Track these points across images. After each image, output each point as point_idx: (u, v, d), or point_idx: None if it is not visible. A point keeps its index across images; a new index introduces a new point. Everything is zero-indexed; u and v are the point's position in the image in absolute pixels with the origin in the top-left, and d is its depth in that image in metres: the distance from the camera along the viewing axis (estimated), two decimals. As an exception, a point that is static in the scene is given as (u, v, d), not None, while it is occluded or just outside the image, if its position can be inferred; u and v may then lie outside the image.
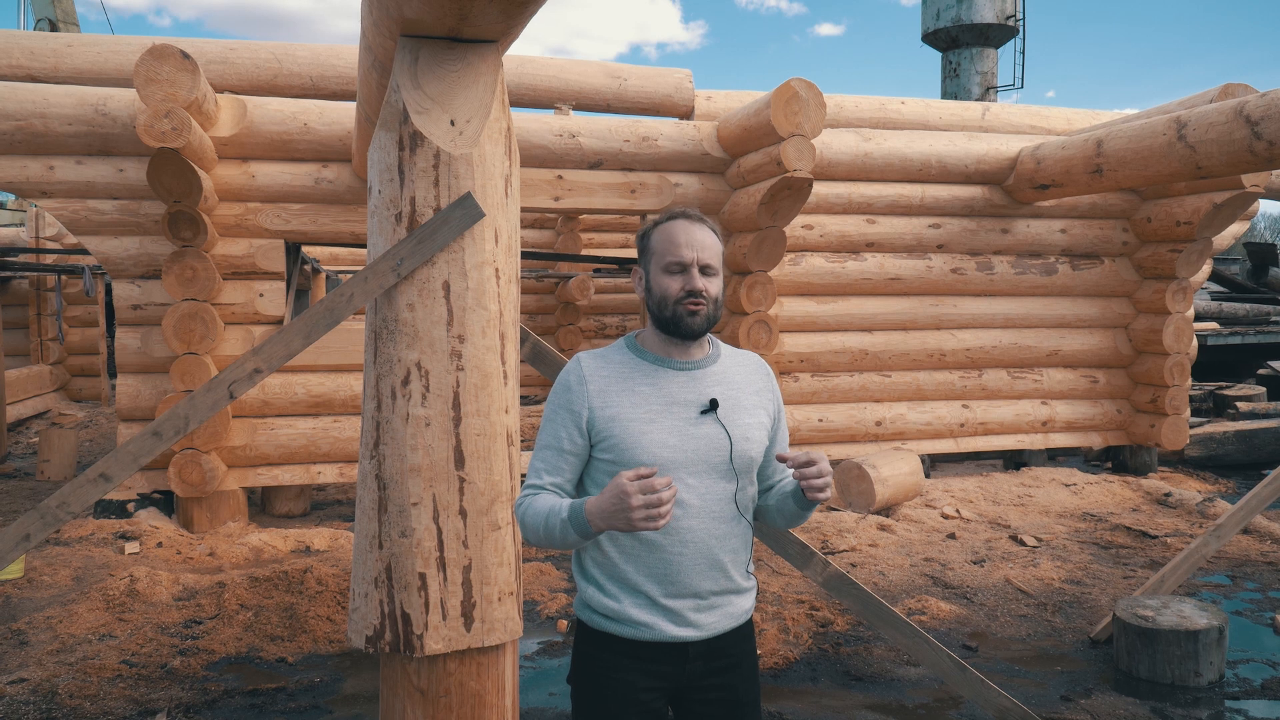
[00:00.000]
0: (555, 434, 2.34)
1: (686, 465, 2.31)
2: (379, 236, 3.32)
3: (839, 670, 4.97)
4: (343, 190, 7.42)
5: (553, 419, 2.36)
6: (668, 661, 2.35)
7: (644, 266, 2.43)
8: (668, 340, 2.38)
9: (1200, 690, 4.71)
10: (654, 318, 2.39)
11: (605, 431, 2.30)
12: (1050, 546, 6.99)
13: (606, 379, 2.34)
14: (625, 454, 2.28)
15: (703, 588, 2.34)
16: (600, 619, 2.35)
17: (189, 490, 7.13)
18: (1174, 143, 7.05)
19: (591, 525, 2.14)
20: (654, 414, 2.32)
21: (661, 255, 2.36)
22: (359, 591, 3.35)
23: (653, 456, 2.27)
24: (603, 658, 2.36)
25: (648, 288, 2.40)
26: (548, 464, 2.33)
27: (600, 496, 2.12)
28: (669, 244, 2.35)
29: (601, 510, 2.11)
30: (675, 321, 2.33)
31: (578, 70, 9.31)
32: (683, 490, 2.29)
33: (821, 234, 8.62)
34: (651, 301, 2.38)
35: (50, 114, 6.84)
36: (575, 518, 2.17)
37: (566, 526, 2.18)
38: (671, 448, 2.29)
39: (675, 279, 2.33)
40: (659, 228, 2.41)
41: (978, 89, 34.07)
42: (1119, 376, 9.59)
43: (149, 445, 3.59)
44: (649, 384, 2.35)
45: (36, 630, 5.29)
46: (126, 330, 7.33)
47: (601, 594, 2.34)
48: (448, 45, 3.16)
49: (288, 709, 4.52)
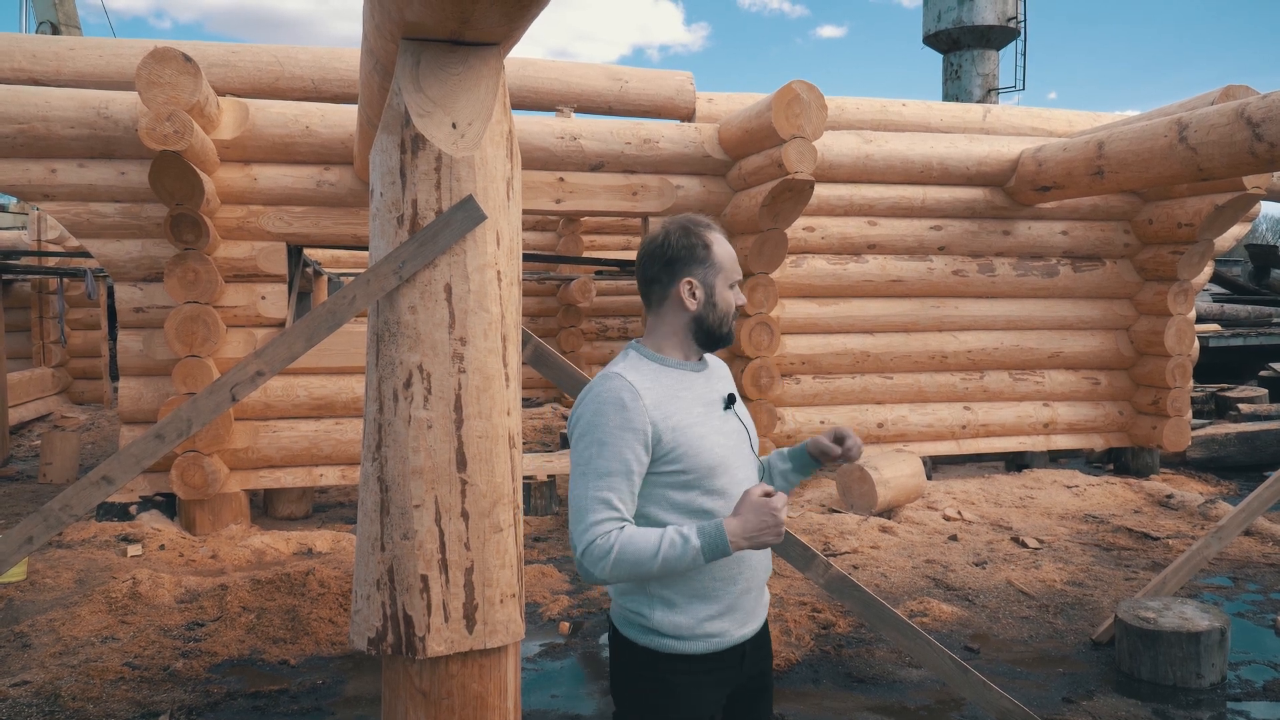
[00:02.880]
0: (622, 457, 2.23)
1: (735, 461, 2.39)
2: (380, 239, 3.32)
3: (841, 672, 4.97)
4: (344, 193, 7.43)
5: (614, 442, 2.23)
6: (731, 665, 2.38)
7: (704, 279, 2.40)
8: (688, 347, 2.42)
9: (1202, 692, 4.70)
10: (703, 327, 2.41)
11: (672, 442, 2.27)
12: (1052, 548, 6.98)
13: (654, 390, 2.31)
14: (693, 461, 2.29)
15: (762, 578, 2.44)
16: (670, 641, 2.31)
17: (191, 493, 7.13)
18: (1175, 145, 7.05)
19: (732, 547, 2.16)
20: (700, 417, 2.35)
21: (730, 272, 2.42)
22: (361, 593, 3.36)
23: (715, 458, 2.32)
24: (674, 680, 2.32)
25: (711, 301, 2.40)
26: (619, 492, 2.22)
27: (741, 518, 2.17)
28: (731, 260, 2.42)
29: (747, 530, 2.17)
30: (730, 334, 2.45)
31: (579, 73, 9.32)
32: (734, 485, 2.37)
33: (823, 236, 8.62)
34: (713, 314, 2.40)
35: (52, 117, 6.85)
36: (714, 545, 2.16)
37: (698, 555, 2.16)
38: (724, 446, 2.36)
39: (733, 295, 2.43)
40: (718, 240, 2.42)
41: (979, 91, 34.10)
42: (1121, 378, 9.59)
43: (151, 448, 3.59)
44: (686, 389, 2.37)
45: (39, 632, 5.30)
46: (128, 333, 7.34)
47: (671, 611, 2.31)
48: (450, 48, 3.17)
49: (290, 711, 4.52)
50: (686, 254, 2.39)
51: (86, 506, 3.57)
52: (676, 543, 2.16)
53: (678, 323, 2.41)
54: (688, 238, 2.40)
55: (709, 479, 2.31)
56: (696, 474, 2.29)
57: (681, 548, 2.15)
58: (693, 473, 2.28)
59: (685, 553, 2.15)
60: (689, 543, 2.15)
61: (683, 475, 2.28)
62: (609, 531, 2.18)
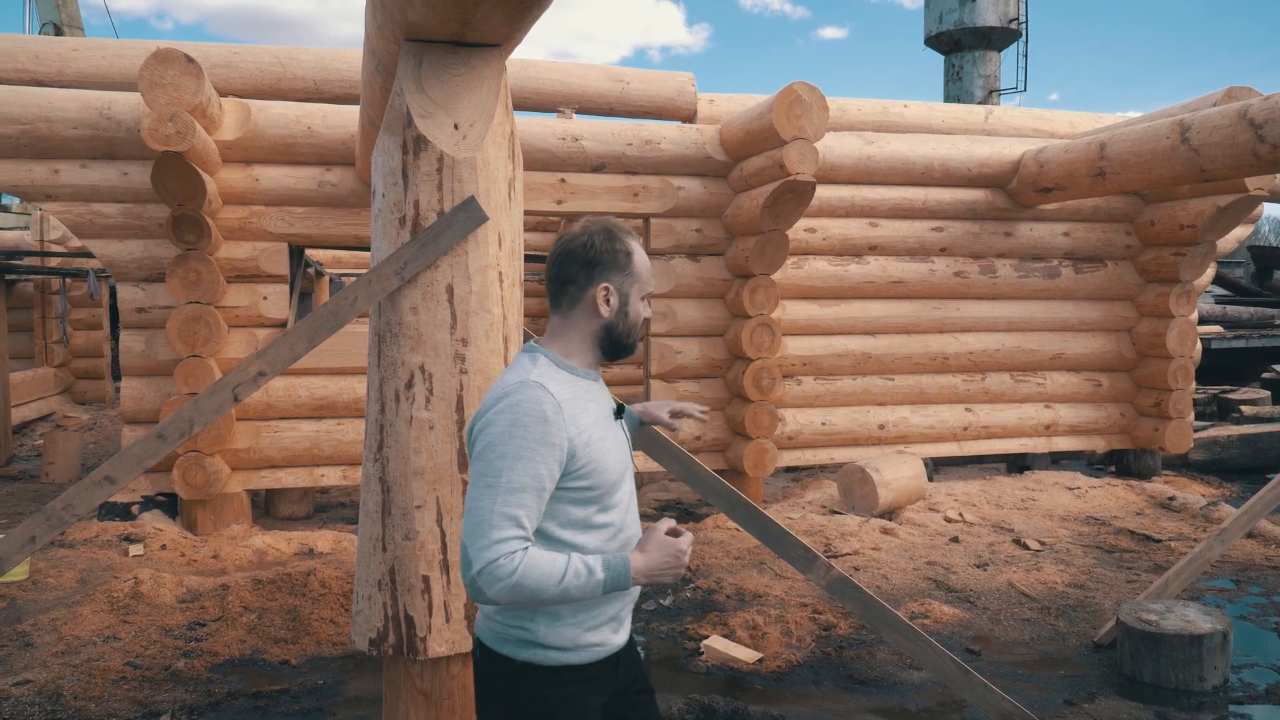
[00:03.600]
0: (537, 474, 2.09)
1: (625, 474, 2.33)
2: (382, 240, 3.33)
3: (841, 674, 4.97)
4: (346, 194, 7.44)
5: (528, 456, 2.09)
6: (609, 674, 2.33)
7: (621, 287, 2.31)
8: (593, 354, 2.33)
9: (1204, 695, 4.70)
10: (612, 336, 2.32)
11: (584, 458, 2.18)
12: (1053, 550, 6.98)
13: (570, 402, 2.20)
14: (600, 477, 2.21)
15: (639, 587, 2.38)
16: (554, 653, 2.22)
17: (193, 493, 7.14)
18: (1177, 146, 7.05)
19: (632, 583, 2.14)
20: (603, 430, 2.27)
21: (645, 282, 2.34)
22: (362, 594, 3.36)
23: (616, 474, 2.26)
24: (559, 692, 2.24)
25: (624, 310, 2.31)
26: (529, 510, 2.09)
27: (647, 555, 2.15)
28: (648, 272, 2.35)
29: (650, 569, 2.15)
30: (634, 345, 2.37)
31: (580, 74, 9.33)
32: (625, 498, 2.33)
33: (824, 237, 8.62)
34: (624, 324, 2.32)
35: (55, 118, 6.86)
36: (616, 580, 2.11)
37: (598, 588, 2.10)
38: (620, 461, 2.29)
39: (644, 307, 2.36)
40: (638, 250, 2.34)
41: (980, 92, 34.07)
42: (1122, 380, 9.59)
43: (153, 448, 3.60)
44: (592, 401, 2.29)
45: (41, 632, 5.30)
46: (131, 333, 7.35)
47: (556, 623, 2.22)
48: (451, 49, 3.17)
49: (291, 711, 4.52)
50: (608, 259, 2.28)
51: (88, 506, 3.57)
52: (581, 573, 2.09)
53: (587, 329, 2.31)
54: (611, 242, 2.29)
55: (609, 494, 2.25)
56: (601, 490, 2.22)
57: (586, 578, 2.09)
58: (599, 488, 2.21)
59: (588, 584, 2.09)
60: (593, 575, 2.09)
61: (589, 491, 2.20)
62: (513, 553, 2.04)
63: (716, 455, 8.44)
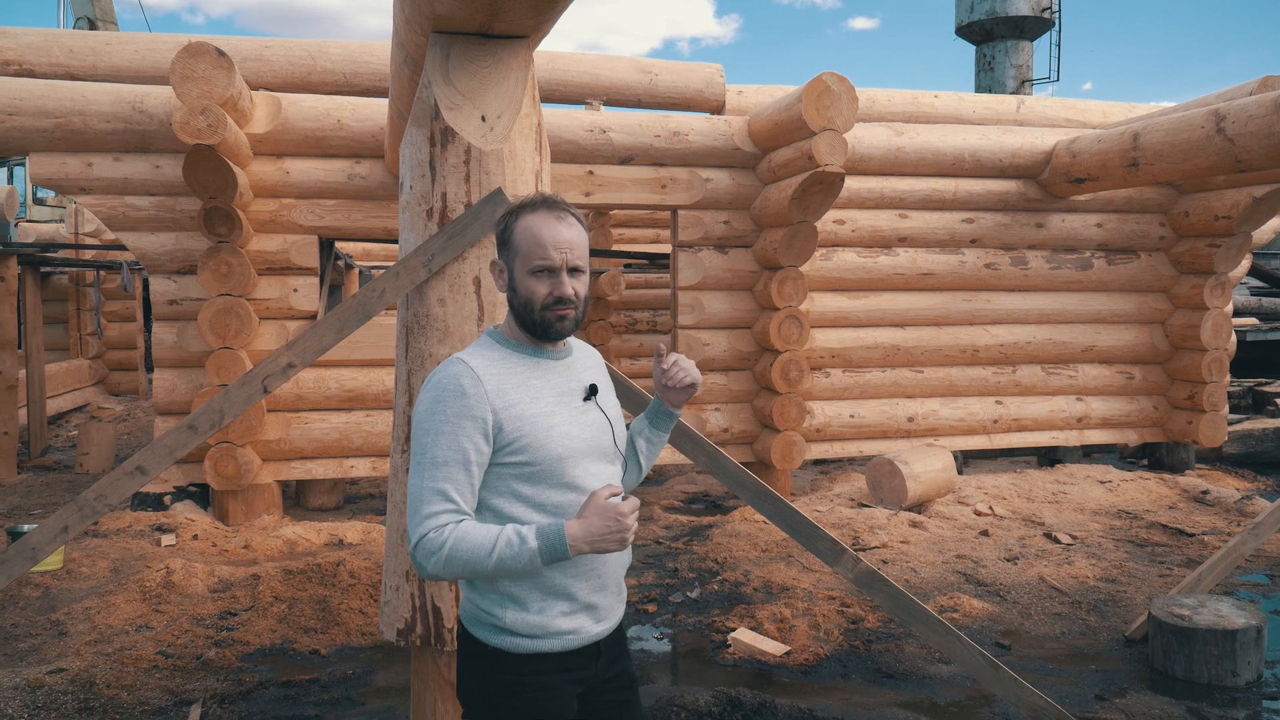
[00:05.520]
0: (460, 447, 2.09)
1: (588, 454, 2.26)
2: (410, 232, 3.34)
3: (870, 667, 4.95)
4: (375, 186, 7.47)
5: (449, 430, 2.10)
6: (587, 664, 2.29)
7: (506, 262, 2.26)
8: (528, 336, 2.28)
9: (1237, 690, 4.64)
10: (518, 318, 2.26)
11: (516, 432, 2.14)
12: (1085, 544, 6.92)
13: (499, 376, 2.17)
14: (539, 452, 2.16)
15: (618, 574, 2.33)
16: (524, 640, 2.19)
17: (224, 483, 7.21)
18: (1212, 136, 6.95)
19: (572, 551, 2.06)
20: (552, 406, 2.22)
21: (527, 256, 2.20)
22: (391, 585, 3.38)
23: (564, 449, 2.20)
24: (526, 680, 2.21)
25: (512, 286, 2.25)
26: (457, 483, 2.09)
27: (585, 521, 2.08)
28: (534, 244, 2.19)
29: (589, 535, 2.07)
30: (543, 327, 2.23)
31: (609, 65, 9.31)
32: (590, 479, 2.25)
33: (853, 229, 8.57)
34: (516, 302, 2.24)
35: (89, 111, 6.94)
36: (552, 547, 2.06)
37: (535, 557, 2.05)
38: (575, 438, 2.23)
39: (543, 283, 2.20)
40: (520, 220, 2.23)
41: (1012, 82, 33.76)
42: (1155, 372, 9.48)
43: (184, 439, 3.63)
44: (537, 377, 2.24)
45: (75, 621, 5.37)
46: (163, 325, 7.42)
47: (524, 611, 2.19)
48: (479, 41, 3.17)
49: (320, 700, 4.56)
50: (501, 235, 2.26)
51: (121, 496, 3.61)
52: (513, 542, 2.05)
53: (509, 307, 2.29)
54: (503, 218, 2.26)
55: (558, 472, 2.19)
56: (542, 466, 2.16)
57: (518, 548, 2.05)
58: (538, 464, 2.16)
59: (521, 553, 2.05)
60: (525, 543, 2.05)
61: (528, 467, 2.15)
62: (443, 526, 2.05)
63: (744, 447, 8.42)
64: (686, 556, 6.75)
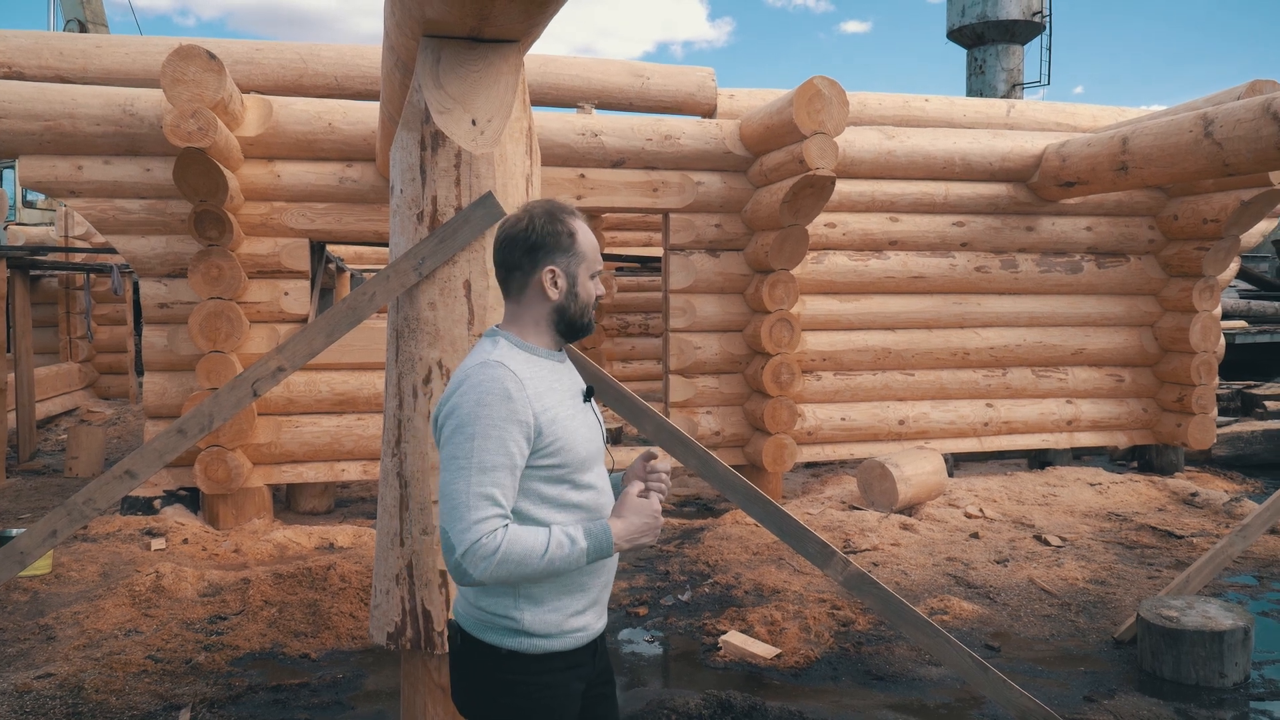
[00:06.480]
0: (507, 451, 2.11)
1: (597, 455, 2.33)
2: (401, 236, 3.34)
3: (860, 669, 4.96)
4: (367, 189, 7.47)
5: (496, 434, 2.10)
6: (590, 660, 2.33)
7: (568, 269, 2.29)
8: (551, 337, 2.33)
9: (1225, 691, 4.67)
10: (565, 318, 2.31)
11: (551, 435, 2.18)
12: (1074, 546, 6.94)
13: (534, 380, 2.21)
14: (569, 455, 2.21)
15: (615, 568, 2.39)
16: (539, 640, 2.21)
17: (214, 487, 7.19)
18: (1200, 140, 6.99)
19: (615, 549, 2.17)
20: (571, 410, 2.27)
21: (592, 261, 2.32)
22: (381, 588, 3.38)
23: (586, 452, 2.26)
24: (545, 680, 2.23)
25: (573, 291, 2.30)
26: (504, 488, 2.11)
27: (625, 520, 2.20)
28: (594, 249, 2.32)
29: (630, 532, 2.18)
30: (591, 325, 2.36)
31: (600, 69, 9.32)
32: (599, 479, 2.33)
33: (844, 232, 8.59)
34: (575, 305, 2.31)
35: (79, 114, 6.92)
36: (600, 546, 2.15)
37: (583, 557, 2.13)
38: (588, 440, 2.28)
39: (594, 285, 2.34)
40: (582, 229, 2.31)
41: (1003, 86, 33.88)
42: (1145, 375, 9.52)
43: (174, 442, 3.63)
44: (556, 380, 2.29)
45: (64, 625, 5.36)
46: (153, 328, 7.41)
47: (539, 609, 2.21)
48: (469, 45, 3.18)
49: (311, 704, 4.55)
50: (551, 241, 2.27)
51: (110, 500, 3.61)
52: (564, 544, 2.10)
53: (540, 312, 2.30)
54: (553, 224, 2.27)
55: (580, 472, 2.25)
56: (570, 467, 2.22)
57: (569, 549, 2.11)
58: (567, 466, 2.21)
59: (572, 553, 2.11)
60: (576, 544, 2.11)
61: (558, 469, 2.20)
62: (494, 530, 2.06)
63: (735, 450, 8.44)
64: (678, 559, 6.76)
